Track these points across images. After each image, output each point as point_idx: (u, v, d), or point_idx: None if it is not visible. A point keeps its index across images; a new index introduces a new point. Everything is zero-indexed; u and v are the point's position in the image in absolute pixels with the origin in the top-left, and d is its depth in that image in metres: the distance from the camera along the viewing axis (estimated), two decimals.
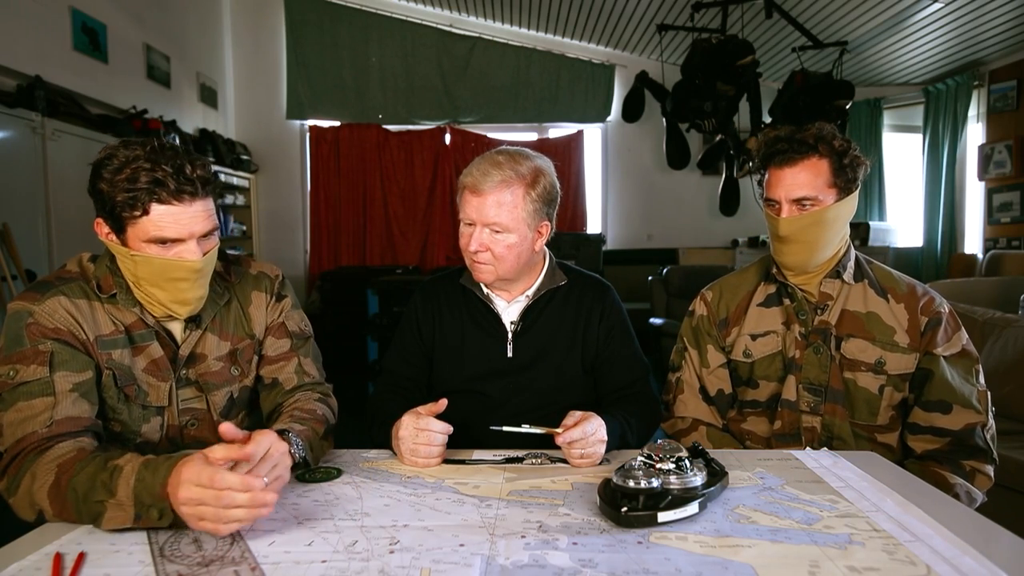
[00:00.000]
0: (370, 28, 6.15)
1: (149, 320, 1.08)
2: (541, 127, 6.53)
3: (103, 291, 1.05)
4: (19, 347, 0.96)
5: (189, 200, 0.99)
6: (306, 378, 1.23)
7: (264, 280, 1.24)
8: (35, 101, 3.34)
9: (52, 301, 1.00)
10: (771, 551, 0.75)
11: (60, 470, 0.86)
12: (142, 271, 1.01)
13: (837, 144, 1.25)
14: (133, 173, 0.95)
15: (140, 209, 0.97)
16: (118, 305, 1.06)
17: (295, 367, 1.23)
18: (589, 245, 5.22)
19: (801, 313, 1.33)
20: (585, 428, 1.07)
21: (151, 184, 0.96)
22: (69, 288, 1.03)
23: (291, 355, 1.23)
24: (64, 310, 1.00)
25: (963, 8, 4.38)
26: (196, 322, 1.13)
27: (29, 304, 0.99)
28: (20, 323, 0.98)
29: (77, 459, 0.88)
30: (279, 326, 1.24)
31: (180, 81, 5.12)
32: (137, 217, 0.97)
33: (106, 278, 1.06)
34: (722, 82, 4.73)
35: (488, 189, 1.22)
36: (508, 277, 1.31)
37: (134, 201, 0.96)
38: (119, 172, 0.96)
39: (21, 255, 3.09)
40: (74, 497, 0.83)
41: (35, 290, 1.02)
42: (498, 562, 0.73)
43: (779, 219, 1.27)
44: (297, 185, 6.37)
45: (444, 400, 1.11)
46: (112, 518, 0.81)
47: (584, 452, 1.07)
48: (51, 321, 0.99)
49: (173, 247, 1.00)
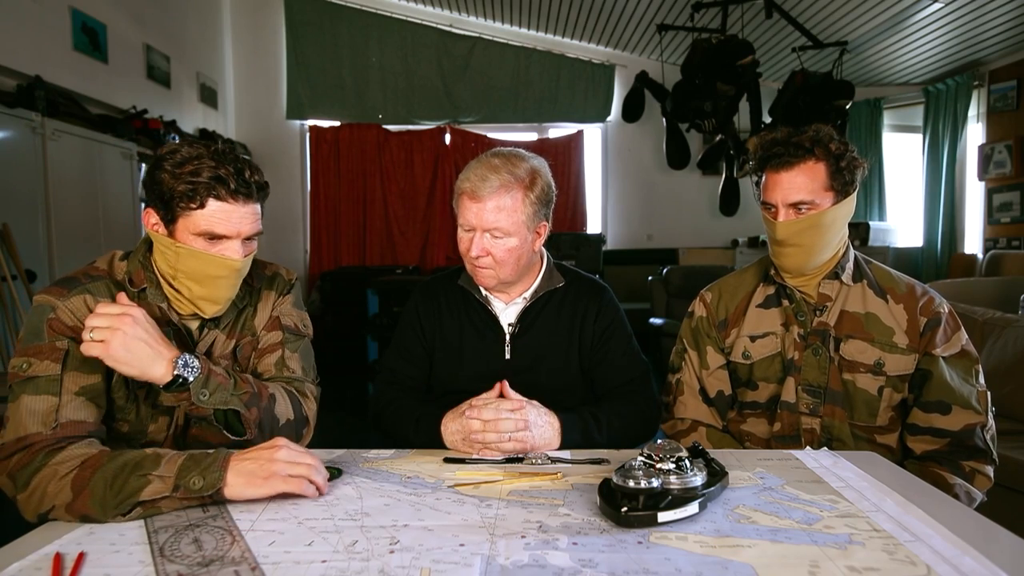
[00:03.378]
0: (370, 28, 6.15)
1: (173, 317, 1.09)
2: (541, 127, 6.53)
3: (134, 285, 1.07)
4: (37, 340, 0.97)
5: (243, 201, 1.04)
6: (285, 371, 1.20)
7: (278, 280, 1.26)
8: (35, 101, 3.34)
9: (77, 299, 1.01)
10: (771, 551, 0.75)
11: (85, 465, 0.88)
12: (184, 264, 1.04)
13: (833, 147, 1.25)
14: (197, 167, 1.00)
15: (197, 202, 1.00)
16: (145, 301, 1.07)
17: (276, 359, 1.20)
18: (589, 245, 5.22)
19: (800, 314, 1.33)
20: (500, 408, 1.12)
21: (212, 180, 1.00)
22: (96, 287, 1.04)
23: (277, 347, 1.21)
24: (88, 309, 1.01)
25: (963, 8, 4.38)
26: (215, 321, 1.14)
27: (54, 299, 1.00)
28: (42, 317, 0.99)
29: (102, 456, 0.90)
30: (273, 320, 1.24)
31: (180, 81, 5.12)
32: (192, 209, 1.01)
33: (138, 272, 1.08)
34: (722, 82, 4.73)
35: (487, 194, 1.21)
36: (508, 280, 1.31)
37: (193, 193, 1.00)
38: (182, 165, 1.00)
39: (21, 255, 3.09)
40: (101, 483, 0.85)
41: (63, 285, 1.03)
42: (498, 562, 0.73)
43: (776, 223, 1.27)
44: (297, 185, 6.37)
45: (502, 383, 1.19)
46: (153, 489, 0.85)
47: (486, 439, 1.11)
48: (72, 319, 1.00)
49: (218, 244, 1.04)
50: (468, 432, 1.13)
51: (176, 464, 0.88)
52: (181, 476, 0.86)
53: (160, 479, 0.86)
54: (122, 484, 0.85)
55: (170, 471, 0.87)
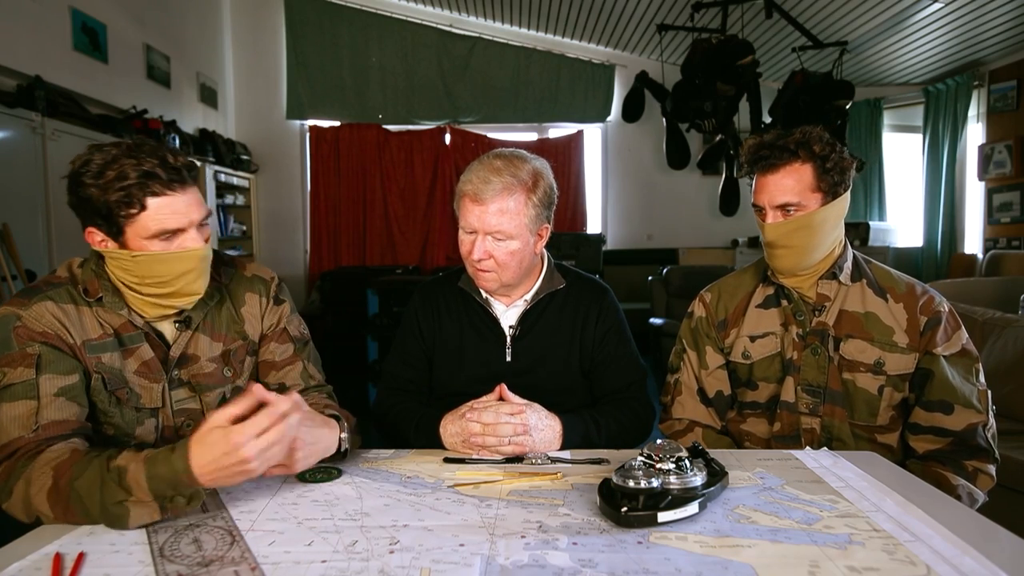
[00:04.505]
0: (370, 28, 6.15)
1: (138, 321, 1.07)
2: (541, 127, 6.53)
3: (89, 295, 1.04)
4: (7, 350, 0.96)
5: (181, 188, 1.00)
6: (312, 381, 1.24)
7: (259, 283, 1.24)
8: (35, 101, 3.34)
9: (39, 306, 1.00)
10: (771, 551, 0.75)
11: (57, 473, 0.86)
12: (148, 270, 1.01)
13: (818, 149, 1.25)
14: (120, 171, 0.95)
15: (137, 205, 0.97)
16: (106, 308, 1.05)
17: (300, 371, 1.23)
18: (589, 245, 5.22)
19: (799, 314, 1.33)
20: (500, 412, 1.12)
21: (142, 178, 0.96)
22: (56, 293, 1.03)
23: (295, 359, 1.24)
24: (51, 315, 1.00)
25: (963, 8, 4.38)
26: (187, 323, 1.12)
27: (16, 309, 0.99)
28: (8, 327, 0.97)
29: (72, 461, 0.87)
30: (281, 331, 1.24)
31: (180, 81, 5.12)
32: (135, 215, 0.97)
33: (91, 282, 1.05)
34: (722, 82, 4.73)
35: (490, 197, 1.20)
36: (510, 283, 1.30)
37: (129, 198, 0.96)
38: (102, 175, 0.96)
39: (21, 255, 3.09)
40: (79, 500, 0.82)
41: (23, 296, 1.02)
42: (498, 562, 0.73)
43: (765, 225, 1.28)
44: (297, 185, 6.37)
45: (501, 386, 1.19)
46: (139, 515, 0.82)
47: (486, 443, 1.11)
48: (39, 325, 0.98)
49: (175, 239, 1.01)
50: (468, 435, 1.13)
51: (142, 483, 0.81)
52: (159, 495, 0.81)
53: (141, 504, 0.81)
54: (107, 511, 0.82)
55: (143, 490, 0.81)
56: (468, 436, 1.13)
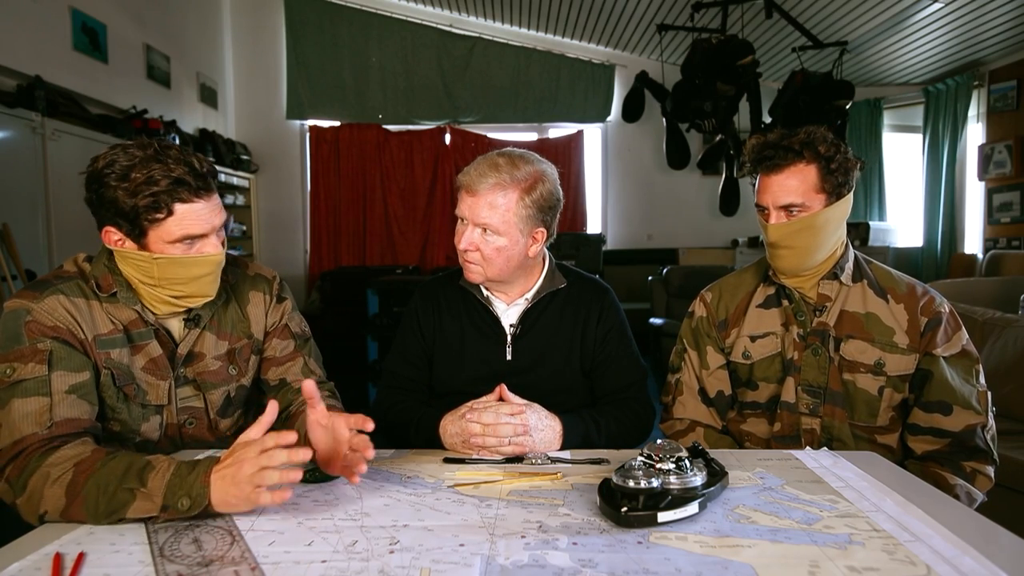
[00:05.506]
0: (370, 28, 6.15)
1: (149, 318, 1.08)
2: (541, 127, 6.53)
3: (103, 290, 1.05)
4: (17, 345, 0.96)
5: (207, 195, 1.02)
6: (313, 376, 1.24)
7: (262, 282, 1.25)
8: (35, 101, 3.34)
9: (51, 299, 1.00)
10: (771, 551, 0.75)
11: (78, 469, 0.86)
12: (166, 272, 1.02)
13: (823, 149, 1.24)
14: (149, 176, 0.96)
15: (164, 211, 0.98)
16: (117, 304, 1.05)
17: (301, 367, 1.24)
18: (589, 245, 5.22)
19: (799, 314, 1.33)
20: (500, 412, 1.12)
21: (172, 185, 0.97)
22: (67, 287, 1.03)
23: (296, 355, 1.25)
24: (63, 308, 1.00)
25: (963, 8, 4.38)
26: (195, 321, 1.13)
27: (28, 302, 0.99)
28: (19, 321, 0.97)
29: (96, 458, 0.87)
30: (282, 328, 1.25)
31: (180, 81, 5.12)
32: (161, 219, 0.98)
33: (105, 277, 1.06)
34: (722, 82, 4.73)
35: (482, 190, 1.21)
36: (497, 279, 1.30)
37: (157, 204, 0.97)
38: (127, 177, 0.96)
39: (21, 255, 3.09)
40: (94, 490, 0.83)
41: (33, 288, 1.01)
42: (498, 562, 0.73)
43: (768, 225, 1.28)
44: (297, 185, 6.37)
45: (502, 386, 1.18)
46: (139, 507, 0.82)
47: (486, 443, 1.11)
48: (50, 319, 0.98)
49: (196, 243, 1.02)
50: (468, 435, 1.13)
51: (164, 480, 0.83)
52: (169, 497, 0.82)
53: (147, 497, 0.82)
54: (111, 496, 0.82)
55: (158, 488, 0.82)
56: (468, 436, 1.13)
